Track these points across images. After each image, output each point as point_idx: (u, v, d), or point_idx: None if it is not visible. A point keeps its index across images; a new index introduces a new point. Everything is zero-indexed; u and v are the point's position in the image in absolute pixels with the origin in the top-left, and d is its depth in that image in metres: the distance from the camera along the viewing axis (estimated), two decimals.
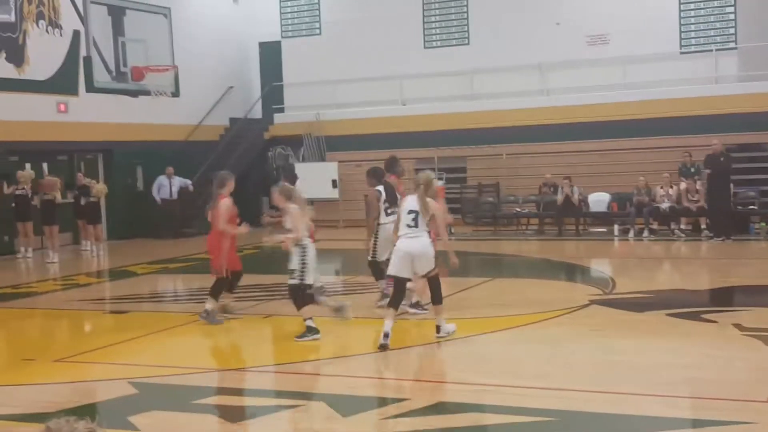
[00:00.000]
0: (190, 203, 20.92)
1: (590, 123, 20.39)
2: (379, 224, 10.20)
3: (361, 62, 23.58)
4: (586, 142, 20.36)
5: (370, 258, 10.41)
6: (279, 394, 7.16)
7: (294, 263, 8.72)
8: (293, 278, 8.75)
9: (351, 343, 8.97)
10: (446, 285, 12.00)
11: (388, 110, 22.96)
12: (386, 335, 8.09)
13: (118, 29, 21.42)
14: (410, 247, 8.34)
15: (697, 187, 17.67)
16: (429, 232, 8.63)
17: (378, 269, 10.24)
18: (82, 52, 20.34)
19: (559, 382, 6.85)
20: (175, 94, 22.31)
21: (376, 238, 10.26)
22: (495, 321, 9.61)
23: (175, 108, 22.31)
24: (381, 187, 10.25)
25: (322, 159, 23.17)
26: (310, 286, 8.80)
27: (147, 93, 21.50)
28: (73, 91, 20.08)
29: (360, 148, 22.46)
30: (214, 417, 6.42)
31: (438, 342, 8.51)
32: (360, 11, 24.01)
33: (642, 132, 19.82)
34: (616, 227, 18.38)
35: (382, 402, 6.82)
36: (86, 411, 6.32)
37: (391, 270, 8.53)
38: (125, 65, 21.22)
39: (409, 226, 8.37)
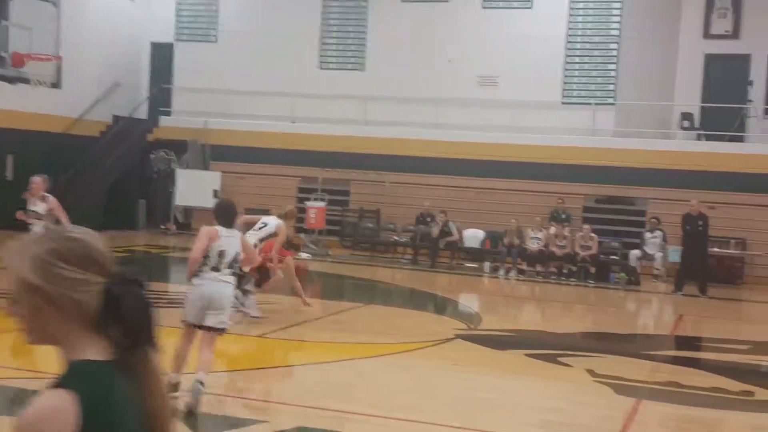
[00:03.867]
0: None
1: (473, 160, 20.98)
2: None
3: (255, 75, 23.50)
4: (467, 178, 20.92)
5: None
6: None
7: None
8: None
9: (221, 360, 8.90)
10: (319, 307, 12.10)
11: (278, 126, 22.95)
12: None
13: (2, 13, 20.57)
14: None
15: (565, 233, 18.44)
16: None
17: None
18: None
19: (419, 415, 7.03)
20: (56, 85, 21.52)
21: None
22: (363, 347, 9.75)
23: (55, 99, 21.54)
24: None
25: (206, 167, 22.87)
26: None
27: (26, 81, 20.71)
28: None
29: (245, 160, 22.33)
30: None
31: (304, 365, 8.57)
32: (258, 24, 23.96)
33: (520, 174, 20.53)
34: (487, 264, 18.93)
35: (240, 423, 6.80)
36: None
37: None
38: (5, 51, 20.38)
39: None
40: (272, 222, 10.61)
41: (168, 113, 24.48)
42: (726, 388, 8.64)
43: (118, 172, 22.57)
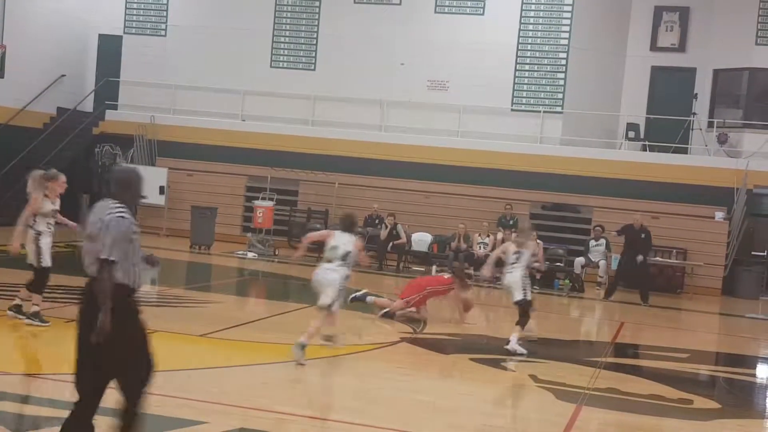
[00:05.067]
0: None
1: (422, 164, 21.07)
2: None
3: (205, 70, 23.28)
4: (415, 181, 21.00)
5: None
6: (64, 405, 6.87)
7: None
8: None
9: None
10: (262, 308, 12.00)
11: (227, 123, 22.76)
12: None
13: None
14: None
15: (512, 238, 18.54)
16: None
17: None
18: None
19: (361, 418, 6.99)
20: (0, 74, 21.09)
21: None
22: (307, 349, 9.66)
23: None
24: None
25: (152, 163, 22.54)
26: None
27: None
28: None
29: (193, 157, 22.10)
30: None
31: (244, 366, 8.47)
32: (209, 19, 23.72)
33: (469, 180, 20.66)
34: (434, 268, 18.98)
35: (181, 423, 6.69)
36: None
37: None
38: None
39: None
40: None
41: (114, 107, 24.08)
42: (664, 396, 8.78)
43: (62, 166, 22.05)
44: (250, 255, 19.21)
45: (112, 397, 5.18)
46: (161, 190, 21.60)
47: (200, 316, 11.15)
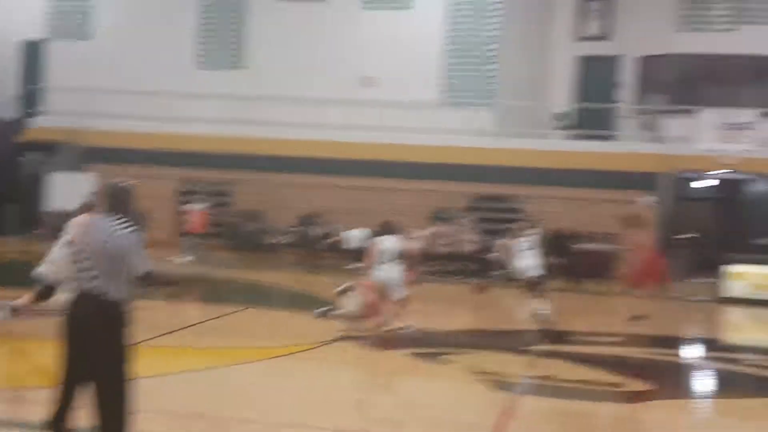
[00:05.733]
0: None
1: (357, 161, 21.06)
2: None
3: (132, 73, 22.88)
4: (350, 178, 20.97)
5: None
6: None
7: None
8: None
9: None
10: (198, 312, 11.89)
11: (157, 126, 22.39)
12: None
13: None
14: None
15: (448, 232, 18.72)
16: None
17: None
18: None
19: (299, 418, 6.99)
20: None
21: None
22: (244, 352, 9.62)
23: None
24: None
25: (79, 170, 22.06)
26: None
27: None
28: None
29: (122, 162, 21.65)
30: None
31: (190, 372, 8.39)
32: (134, 21, 23.34)
33: (403, 174, 20.74)
34: None
35: None
36: None
37: None
38: None
39: None
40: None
41: (40, 113, 23.51)
42: (598, 380, 8.97)
43: None
44: (185, 259, 18.97)
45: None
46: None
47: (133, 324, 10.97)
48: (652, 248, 13.75)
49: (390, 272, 11.04)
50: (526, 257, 13.17)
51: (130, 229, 5.19)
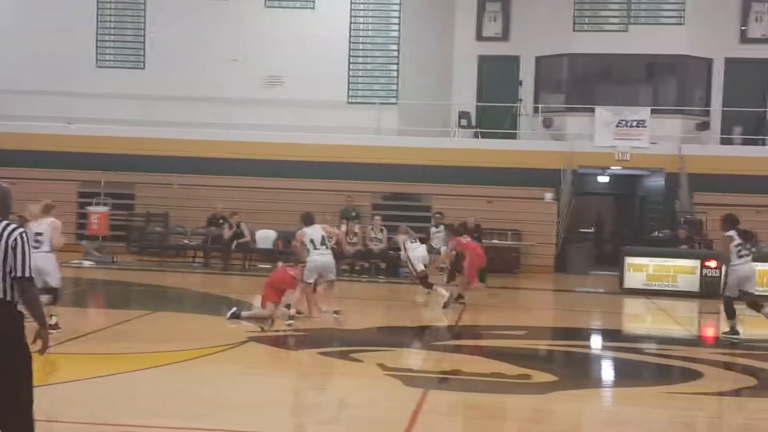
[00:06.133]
0: None
1: (263, 160, 20.92)
2: None
3: (26, 73, 22.16)
4: (257, 178, 20.82)
5: None
6: None
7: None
8: None
9: None
10: (103, 317, 11.62)
11: (53, 127, 21.71)
12: None
13: None
14: None
15: (356, 230, 18.81)
16: None
17: None
18: None
19: (211, 423, 6.93)
20: None
21: None
22: (151, 357, 9.46)
23: None
24: None
25: None
26: None
27: None
28: None
29: (18, 164, 20.92)
30: None
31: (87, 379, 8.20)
32: (27, 19, 22.57)
33: (310, 174, 20.72)
34: (280, 264, 18.89)
35: None
36: None
37: None
38: None
39: None
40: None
41: None
42: (505, 373, 9.20)
43: None
44: (87, 263, 18.48)
45: None
46: None
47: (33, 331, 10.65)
48: (476, 247, 14.99)
49: (325, 256, 11.97)
50: (419, 251, 13.90)
51: (20, 231, 5.07)
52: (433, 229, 19.30)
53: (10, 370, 4.86)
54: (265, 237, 19.92)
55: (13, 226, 5.08)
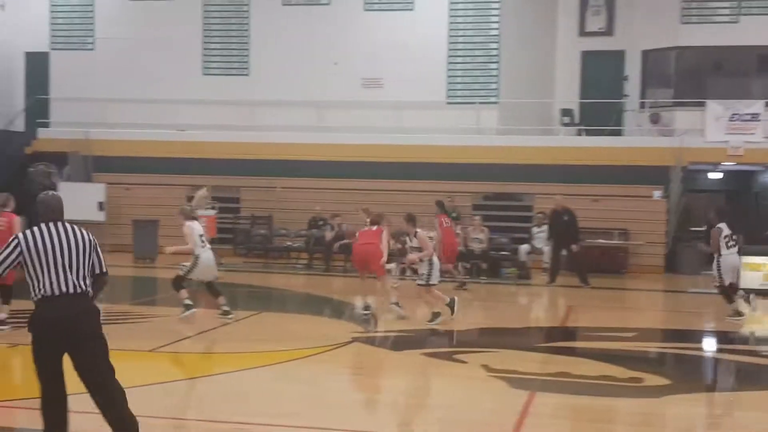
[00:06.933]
0: None
1: (362, 162, 21.04)
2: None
3: (137, 82, 22.97)
4: (357, 180, 20.95)
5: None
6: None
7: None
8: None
9: None
10: (211, 318, 11.89)
11: (162, 134, 22.45)
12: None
13: None
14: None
15: (457, 230, 18.67)
16: None
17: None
18: None
19: (316, 422, 6.97)
20: None
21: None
22: (258, 356, 9.61)
23: None
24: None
25: (89, 179, 22.12)
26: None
27: None
28: None
29: (130, 170, 21.71)
30: None
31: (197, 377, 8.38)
32: (137, 30, 23.40)
33: (409, 175, 20.71)
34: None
35: None
36: None
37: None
38: None
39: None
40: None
41: (46, 125, 23.60)
42: (615, 376, 8.92)
43: None
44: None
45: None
46: (100, 206, 21.23)
47: (148, 331, 10.98)
48: (450, 232, 15.88)
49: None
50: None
51: (89, 233, 5.70)
52: (535, 230, 19.02)
53: (98, 350, 5.49)
54: None
55: (81, 228, 5.59)
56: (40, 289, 5.30)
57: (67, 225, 5.50)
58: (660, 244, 19.60)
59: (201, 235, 11.66)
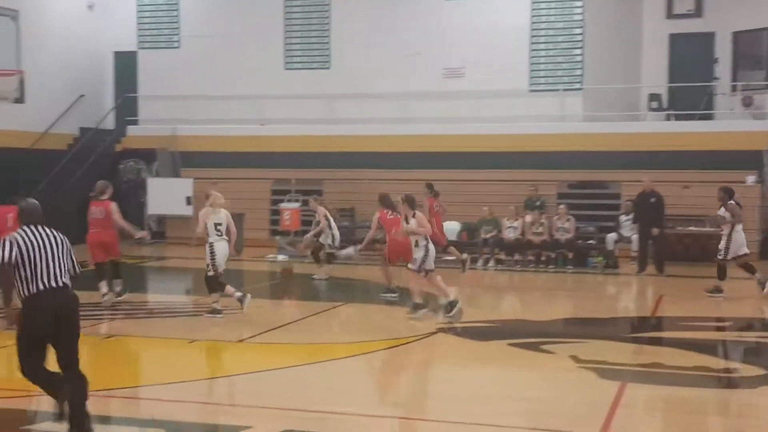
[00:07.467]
0: None
1: (444, 153, 20.92)
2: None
3: (221, 78, 23.35)
4: (440, 171, 20.77)
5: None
6: (114, 420, 6.90)
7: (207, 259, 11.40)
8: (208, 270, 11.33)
9: (189, 368, 8.77)
10: (297, 309, 12.02)
11: (247, 129, 22.79)
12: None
13: None
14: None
15: (542, 220, 18.42)
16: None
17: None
18: None
19: (402, 412, 6.96)
20: (20, 99, 21.17)
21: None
22: (344, 347, 9.66)
23: (19, 114, 21.22)
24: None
25: (177, 175, 22.64)
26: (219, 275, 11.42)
27: None
28: None
29: (216, 165, 22.10)
30: None
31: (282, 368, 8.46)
32: (220, 27, 23.79)
33: (492, 164, 20.48)
34: (465, 256, 18.82)
35: (226, 430, 6.70)
36: None
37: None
38: None
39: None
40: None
41: (135, 122, 24.24)
42: (710, 366, 8.65)
43: (88, 185, 22.24)
44: (281, 258, 19.22)
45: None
46: (188, 200, 21.69)
47: (235, 322, 11.16)
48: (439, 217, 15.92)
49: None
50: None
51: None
52: (623, 218, 18.57)
53: (75, 335, 6.19)
54: (450, 229, 19.86)
55: (57, 231, 6.25)
56: (32, 285, 5.93)
57: (47, 228, 6.18)
58: (754, 231, 18.89)
59: (217, 224, 11.60)
